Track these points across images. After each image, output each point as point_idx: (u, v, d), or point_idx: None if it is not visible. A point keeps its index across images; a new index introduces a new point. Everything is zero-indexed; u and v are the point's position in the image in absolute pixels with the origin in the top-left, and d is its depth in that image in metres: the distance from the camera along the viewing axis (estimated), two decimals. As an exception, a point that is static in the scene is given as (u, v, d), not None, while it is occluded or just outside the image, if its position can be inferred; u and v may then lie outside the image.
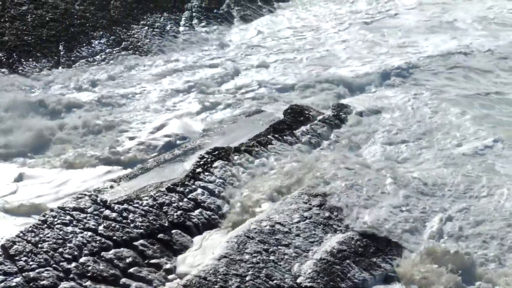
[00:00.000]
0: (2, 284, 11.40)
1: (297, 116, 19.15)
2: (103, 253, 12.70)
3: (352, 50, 25.39)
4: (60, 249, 12.42)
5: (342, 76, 22.44)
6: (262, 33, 27.16)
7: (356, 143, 18.40)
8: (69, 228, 12.95)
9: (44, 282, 11.71)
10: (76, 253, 12.46)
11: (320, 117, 19.34)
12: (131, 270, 12.53)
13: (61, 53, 22.53)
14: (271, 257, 13.07)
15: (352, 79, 22.29)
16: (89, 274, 12.15)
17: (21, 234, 12.56)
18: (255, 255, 12.99)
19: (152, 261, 12.95)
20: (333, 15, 29.94)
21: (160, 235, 13.57)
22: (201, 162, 16.05)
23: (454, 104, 21.15)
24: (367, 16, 30.05)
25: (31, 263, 11.97)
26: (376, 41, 26.62)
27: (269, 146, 17.29)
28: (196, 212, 14.42)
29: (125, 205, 13.90)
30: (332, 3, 31.94)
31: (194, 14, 27.89)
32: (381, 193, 15.77)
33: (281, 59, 24.32)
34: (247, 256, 12.92)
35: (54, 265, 12.09)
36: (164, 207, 14.20)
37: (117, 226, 13.35)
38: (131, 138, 18.16)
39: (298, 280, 12.68)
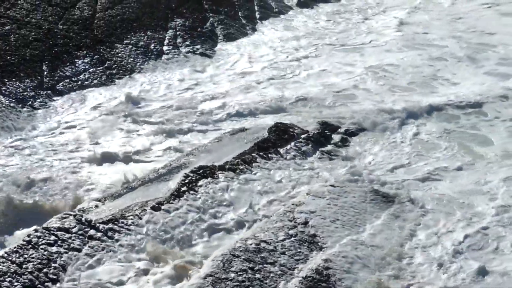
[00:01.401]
0: (-13, 305, 11.36)
1: (281, 134, 19.19)
2: (88, 273, 12.67)
3: (330, 73, 25.36)
4: (45, 270, 12.38)
5: (321, 101, 22.39)
6: (243, 54, 27.09)
7: (341, 160, 18.42)
8: (54, 248, 12.91)
9: (29, 302, 11.69)
10: (61, 273, 12.42)
11: (304, 135, 19.37)
12: (116, 289, 12.51)
13: (45, 73, 22.49)
14: (257, 275, 13.07)
15: (330, 104, 22.24)
16: (74, 294, 12.13)
17: (5, 255, 12.52)
18: (241, 273, 12.99)
19: (138, 280, 12.93)
20: (315, 36, 29.92)
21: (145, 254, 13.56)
22: (186, 181, 16.05)
23: (434, 127, 21.27)
24: (350, 37, 30.09)
25: (15, 283, 11.91)
26: (353, 63, 26.58)
27: (253, 164, 17.33)
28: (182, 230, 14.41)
29: (110, 225, 13.88)
30: (315, 24, 32.01)
31: (178, 33, 27.90)
32: (365, 212, 15.82)
33: (262, 82, 24.14)
34: (232, 275, 12.92)
35: (39, 286, 12.04)
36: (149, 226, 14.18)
37: (103, 245, 13.32)
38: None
39: (284, 298, 12.71)
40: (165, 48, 26.51)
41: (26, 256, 12.55)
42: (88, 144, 18.91)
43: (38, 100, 20.91)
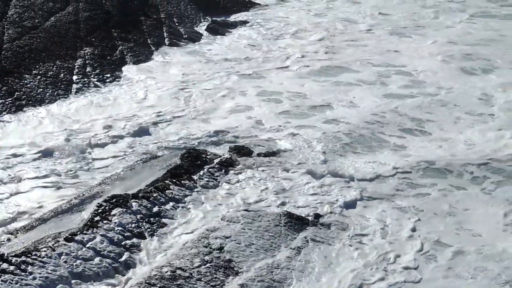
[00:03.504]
0: None
1: (194, 160, 19.22)
2: (2, 308, 12.50)
3: (230, 100, 25.38)
4: (-43, 306, 12.17)
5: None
6: (150, 82, 26.85)
7: (254, 185, 18.52)
8: (-35, 284, 12.70)
9: None
10: (-27, 309, 12.23)
11: (217, 160, 19.45)
12: (31, 323, 12.37)
13: (-48, 105, 22.16)
14: (173, 303, 13.10)
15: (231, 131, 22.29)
16: (-12, 330, 11.95)
17: None
18: (157, 301, 13.00)
19: (53, 313, 12.82)
20: (220, 63, 29.85)
21: (60, 286, 13.41)
22: (99, 210, 15.95)
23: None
24: (256, 64, 30.11)
25: None
26: (252, 91, 26.57)
27: (167, 191, 17.31)
28: (96, 260, 14.31)
29: (23, 257, 13.70)
30: (222, 50, 32.06)
31: (87, 61, 27.74)
32: (280, 235, 15.97)
33: (163, 114, 23.85)
34: (149, 303, 12.92)
35: (-49, 323, 11.84)
36: (62, 257, 14.05)
37: (16, 279, 13.14)
38: None
39: (201, 324, 12.75)
40: (74, 77, 26.28)
41: None
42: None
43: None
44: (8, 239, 14.88)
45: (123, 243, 15.03)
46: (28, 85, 24.71)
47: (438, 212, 17.80)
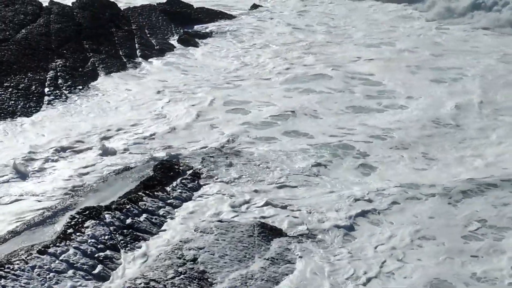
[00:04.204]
0: None
1: (167, 171, 19.22)
2: (-26, 322, 12.44)
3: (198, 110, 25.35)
4: None
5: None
6: (123, 94, 26.73)
7: (227, 196, 18.53)
8: None
9: None
10: None
11: (190, 171, 19.47)
12: (4, 337, 12.31)
13: None
14: (147, 315, 13.10)
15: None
16: None
17: None
18: (131, 313, 12.99)
19: (26, 326, 12.77)
20: (192, 75, 29.78)
21: (33, 299, 13.40)
22: (72, 223, 15.90)
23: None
24: (230, 74, 30.16)
25: None
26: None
27: (140, 202, 17.29)
28: (70, 273, 14.27)
29: (-4, 271, 13.67)
30: (194, 61, 32.08)
31: (59, 73, 27.66)
32: (253, 246, 16.00)
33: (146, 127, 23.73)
34: (123, 316, 12.90)
35: None
36: (36, 270, 14.00)
37: (-12, 292, 13.11)
38: None
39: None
40: (46, 89, 26.20)
41: None
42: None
43: None
44: (-20, 253, 14.82)
45: (96, 255, 15.00)
46: (0, 97, 24.62)
47: (405, 223, 17.87)
